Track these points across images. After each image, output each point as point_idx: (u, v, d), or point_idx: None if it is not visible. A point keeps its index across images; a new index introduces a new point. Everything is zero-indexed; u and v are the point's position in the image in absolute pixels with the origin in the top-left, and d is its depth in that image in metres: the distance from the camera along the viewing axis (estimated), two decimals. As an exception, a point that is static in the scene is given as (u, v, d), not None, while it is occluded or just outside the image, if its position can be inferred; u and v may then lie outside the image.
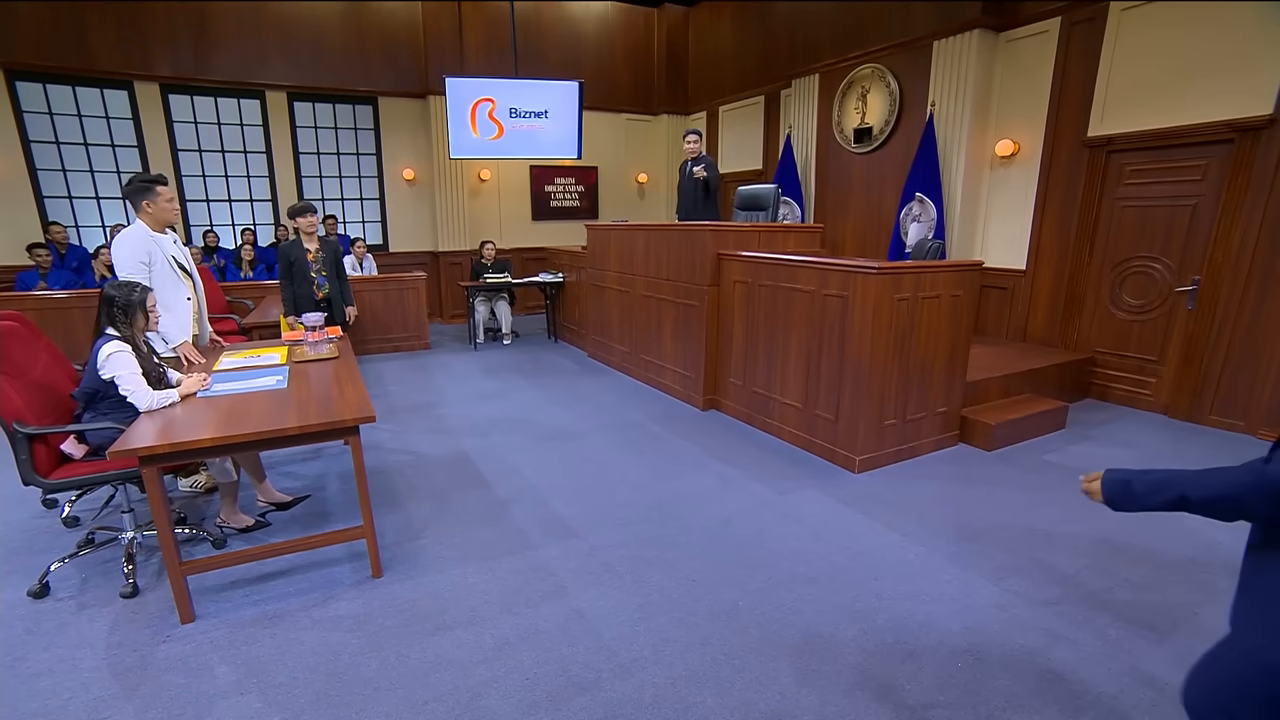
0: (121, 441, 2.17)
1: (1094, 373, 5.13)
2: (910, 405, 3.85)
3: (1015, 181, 5.54)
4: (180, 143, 7.64)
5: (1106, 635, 2.27)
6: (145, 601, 2.50)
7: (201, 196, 7.92)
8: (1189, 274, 4.52)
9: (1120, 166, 4.86)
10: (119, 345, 2.53)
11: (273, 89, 7.89)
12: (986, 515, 3.20)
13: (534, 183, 9.46)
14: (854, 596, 2.51)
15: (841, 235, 6.94)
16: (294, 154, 8.23)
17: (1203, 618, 2.37)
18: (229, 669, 2.13)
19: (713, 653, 2.20)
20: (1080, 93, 4.99)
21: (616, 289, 6.03)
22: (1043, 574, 2.67)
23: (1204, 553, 2.83)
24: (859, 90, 6.48)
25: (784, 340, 4.16)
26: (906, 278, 3.60)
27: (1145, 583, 2.60)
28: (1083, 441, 4.22)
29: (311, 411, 2.45)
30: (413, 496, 3.43)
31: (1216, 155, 4.33)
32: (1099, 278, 5.07)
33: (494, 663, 2.15)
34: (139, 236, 3.11)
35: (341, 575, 2.67)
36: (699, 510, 3.26)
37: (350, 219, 8.73)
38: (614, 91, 9.55)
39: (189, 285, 3.34)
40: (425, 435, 4.40)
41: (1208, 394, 4.45)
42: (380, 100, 8.46)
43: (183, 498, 3.44)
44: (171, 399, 2.53)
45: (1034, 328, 5.55)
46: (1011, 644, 2.23)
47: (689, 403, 5.06)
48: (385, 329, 7.06)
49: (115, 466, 2.52)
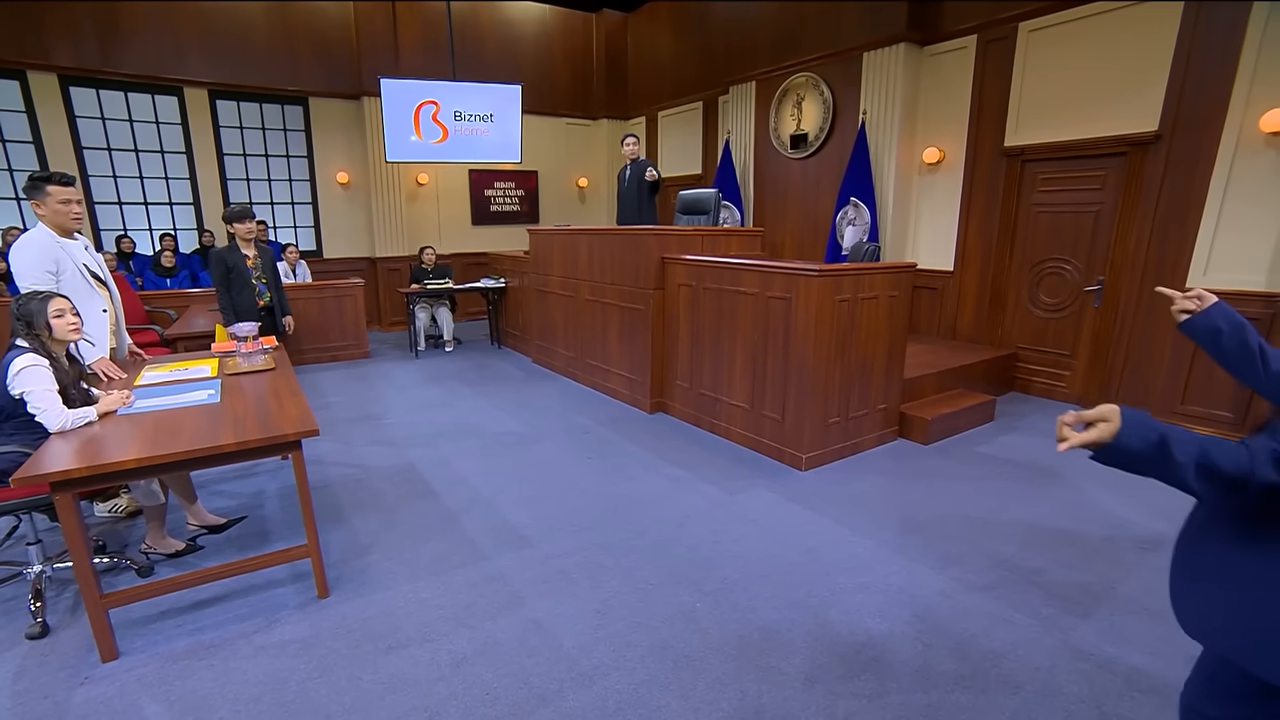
0: (29, 466, 1.99)
1: (1017, 367, 5.46)
2: (853, 403, 4.00)
3: (942, 187, 5.85)
4: (85, 140, 7.08)
5: (1040, 614, 2.42)
6: (57, 641, 2.30)
7: (113, 199, 7.36)
8: (1095, 274, 4.89)
9: (1034, 175, 5.20)
10: (33, 359, 2.31)
11: (192, 85, 7.43)
12: (928, 507, 3.35)
13: (473, 187, 9.28)
14: (808, 592, 2.58)
15: (781, 239, 7.13)
16: (218, 155, 7.77)
17: (1120, 591, 2.57)
18: (161, 708, 1.98)
19: (673, 655, 2.21)
20: (997, 105, 5.32)
21: (560, 294, 5.99)
22: (981, 560, 2.82)
23: (1117, 531, 3.06)
24: (794, 98, 6.69)
25: (729, 342, 4.24)
26: (847, 279, 3.73)
27: (1071, 562, 2.79)
28: (1010, 433, 4.48)
29: (249, 426, 2.33)
30: (358, 511, 3.30)
31: (1113, 166, 4.70)
32: (1019, 278, 5.41)
33: (452, 679, 2.09)
34: (41, 243, 2.85)
35: (284, 597, 2.54)
36: (652, 513, 3.28)
37: (281, 224, 8.31)
38: (553, 95, 9.50)
39: (104, 295, 3.10)
40: (369, 447, 4.24)
41: (1113, 384, 4.81)
42: (311, 101, 8.11)
43: (101, 523, 3.19)
44: (88, 417, 2.33)
45: (962, 326, 5.86)
46: (956, 628, 2.34)
47: (636, 406, 5.07)
48: (323, 338, 6.76)
49: (19, 494, 2.29)
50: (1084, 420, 1.14)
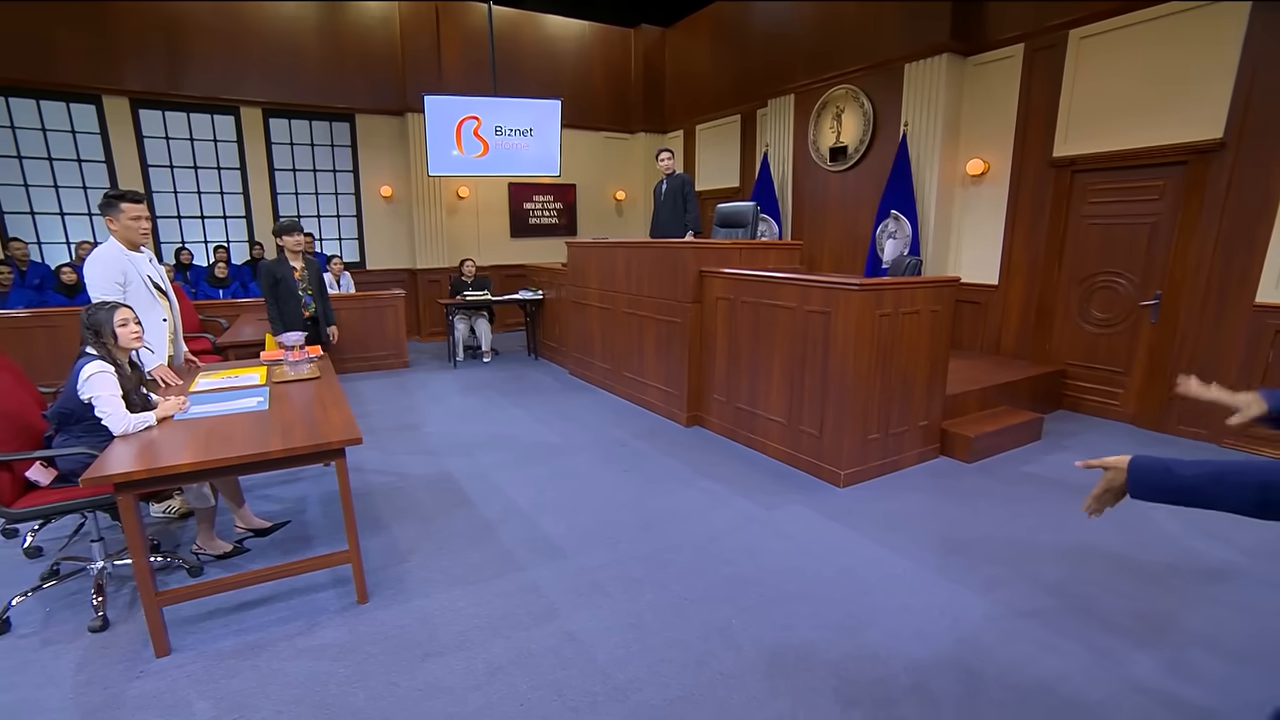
0: (96, 467, 2.09)
1: (1066, 384, 5.27)
2: (893, 419, 3.91)
3: (986, 199, 5.71)
4: (151, 158, 7.48)
5: (1094, 644, 2.31)
6: (116, 635, 2.40)
7: (173, 213, 7.74)
8: (1151, 288, 4.69)
9: (1084, 185, 5.04)
10: (101, 365, 2.45)
11: (248, 105, 7.79)
12: (971, 527, 3.24)
13: (512, 200, 9.45)
14: (846, 612, 2.52)
15: (819, 252, 7.05)
16: (269, 170, 8.12)
17: (1185, 624, 2.43)
18: (208, 704, 2.05)
19: (708, 673, 2.18)
20: (1044, 115, 5.18)
21: (598, 306, 6.03)
22: (1029, 584, 2.71)
23: (1181, 559, 2.90)
24: (834, 110, 6.63)
25: (767, 356, 4.20)
26: (887, 293, 3.66)
27: (1129, 591, 2.66)
28: (1058, 452, 4.31)
29: (295, 434, 2.40)
30: (397, 518, 3.36)
31: (1172, 176, 4.52)
32: (1067, 292, 5.23)
33: (487, 688, 2.11)
34: (112, 256, 3.03)
35: (325, 602, 2.60)
36: (687, 527, 3.25)
37: (327, 236, 8.61)
38: (592, 109, 9.63)
39: (165, 305, 3.26)
40: (408, 455, 4.33)
41: (1173, 404, 4.59)
42: (358, 117, 8.40)
43: (155, 524, 3.33)
44: (148, 422, 2.45)
45: (1007, 341, 5.69)
46: (1002, 655, 2.25)
47: (672, 419, 5.06)
48: (364, 347, 6.95)
49: (87, 494, 2.42)
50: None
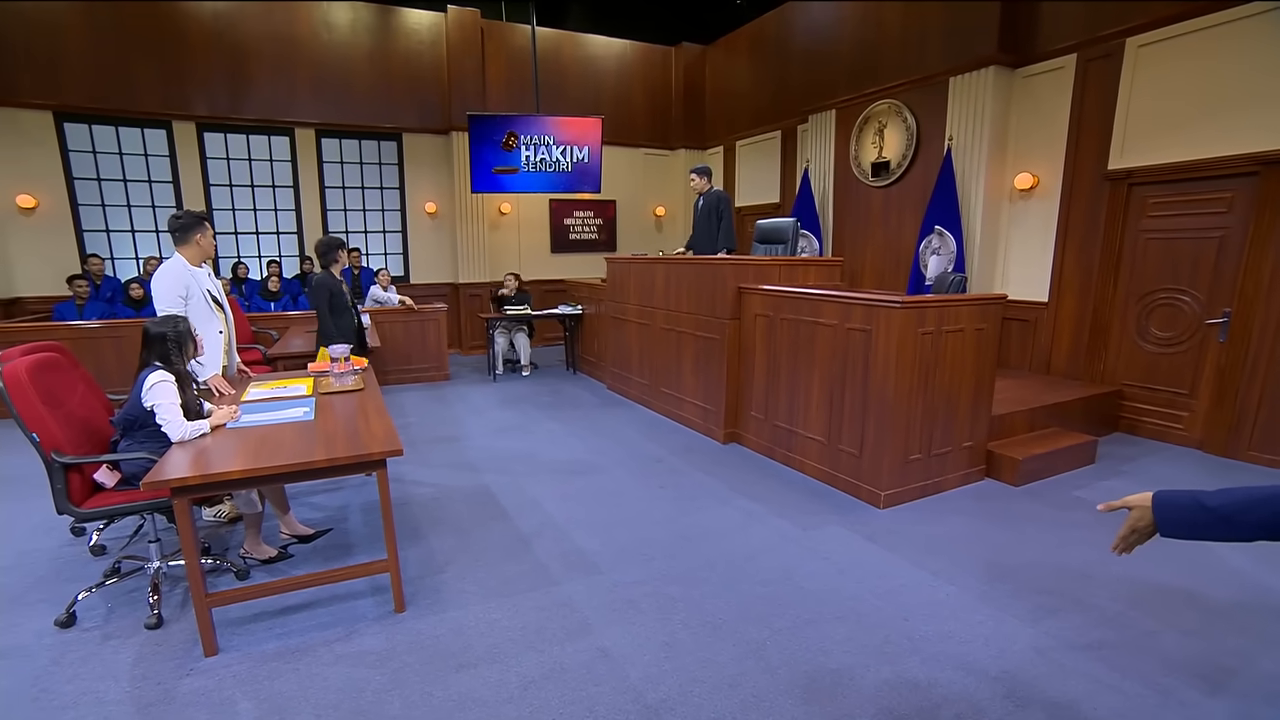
0: (155, 472, 2.19)
1: (1122, 406, 5.03)
2: (935, 440, 3.79)
3: (1035, 214, 5.54)
4: (213, 178, 7.90)
5: (1156, 683, 2.18)
6: (169, 633, 2.50)
7: (230, 229, 8.14)
8: (1219, 306, 4.45)
9: (1143, 199, 4.84)
10: (164, 375, 2.59)
11: (302, 126, 8.15)
12: (1018, 553, 3.11)
13: (553, 216, 9.61)
14: (885, 637, 2.44)
15: (860, 268, 6.95)
16: (320, 188, 8.46)
17: (1260, 667, 2.27)
18: (251, 705, 2.11)
19: (742, 695, 2.14)
20: (1099, 127, 5.00)
21: (636, 321, 6.06)
22: (1082, 615, 2.58)
23: (1253, 596, 2.72)
24: (876, 125, 6.56)
25: (806, 374, 4.14)
26: (930, 311, 3.58)
27: (1194, 628, 2.50)
28: (1114, 477, 4.11)
29: (339, 444, 2.47)
30: (435, 530, 3.42)
31: (1241, 187, 4.30)
32: (1124, 310, 5.01)
33: (519, 702, 2.11)
34: (179, 270, 3.20)
35: (364, 609, 2.65)
36: (722, 546, 3.21)
37: (373, 251, 8.91)
38: (632, 126, 9.75)
39: (221, 318, 3.42)
40: (446, 468, 4.40)
41: (1245, 428, 4.33)
42: (404, 136, 8.70)
43: (206, 527, 3.46)
44: (203, 430, 2.56)
45: (1057, 360, 5.48)
46: (1053, 690, 2.14)
47: (709, 436, 5.02)
48: (406, 360, 7.13)
49: (146, 496, 2.54)
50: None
